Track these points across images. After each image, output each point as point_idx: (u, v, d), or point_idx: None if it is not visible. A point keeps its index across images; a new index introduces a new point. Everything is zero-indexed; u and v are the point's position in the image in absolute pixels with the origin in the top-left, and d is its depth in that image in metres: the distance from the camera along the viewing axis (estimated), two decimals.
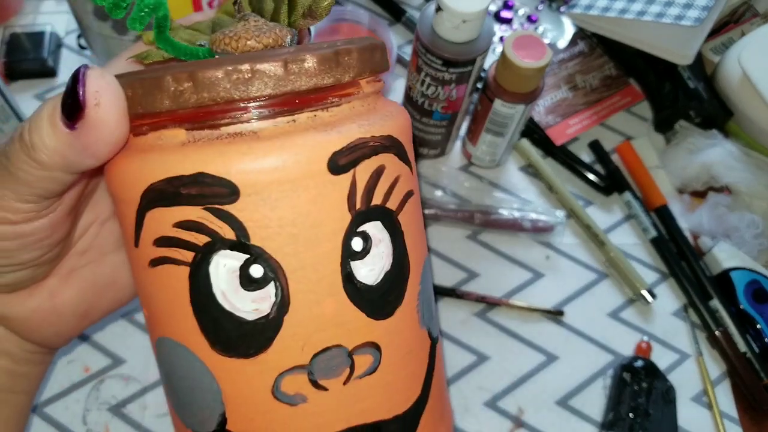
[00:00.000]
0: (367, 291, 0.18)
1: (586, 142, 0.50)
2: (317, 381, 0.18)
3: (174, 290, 0.18)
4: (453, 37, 0.37)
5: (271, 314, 0.17)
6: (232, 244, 0.17)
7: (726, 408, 0.40)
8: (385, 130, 0.18)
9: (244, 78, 0.16)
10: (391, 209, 0.18)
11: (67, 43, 0.49)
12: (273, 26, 0.19)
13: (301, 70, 0.16)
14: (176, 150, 0.17)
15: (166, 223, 0.17)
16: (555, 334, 0.42)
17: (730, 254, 0.44)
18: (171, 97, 0.16)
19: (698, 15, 0.46)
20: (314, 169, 0.16)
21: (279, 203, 0.16)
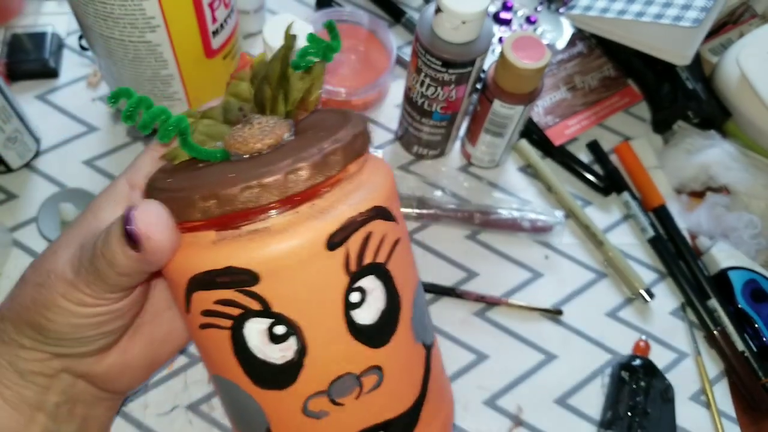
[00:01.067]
0: (366, 329, 0.23)
1: (584, 142, 0.50)
2: (335, 400, 0.23)
3: (220, 346, 0.23)
4: (452, 38, 0.37)
5: (295, 358, 0.22)
6: (259, 313, 0.22)
7: (724, 407, 0.41)
8: (369, 203, 0.22)
9: (255, 193, 0.20)
10: (380, 263, 0.23)
11: (69, 44, 0.50)
12: (273, 125, 0.24)
13: (298, 178, 0.21)
14: (209, 248, 0.21)
15: (208, 300, 0.22)
16: (554, 334, 0.42)
17: (728, 254, 0.45)
18: (201, 211, 0.21)
19: (697, 16, 0.46)
20: (316, 250, 0.21)
21: (291, 280, 0.21)
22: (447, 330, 0.41)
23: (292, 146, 0.23)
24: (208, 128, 0.25)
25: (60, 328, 0.24)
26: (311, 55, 0.24)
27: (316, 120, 0.26)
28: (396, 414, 0.24)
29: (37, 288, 0.24)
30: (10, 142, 0.42)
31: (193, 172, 0.24)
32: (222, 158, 0.24)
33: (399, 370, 0.24)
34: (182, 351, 0.39)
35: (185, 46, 0.38)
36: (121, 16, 0.34)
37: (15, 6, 0.49)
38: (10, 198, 0.43)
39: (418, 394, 0.25)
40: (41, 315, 0.24)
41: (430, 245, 0.45)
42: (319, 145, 0.22)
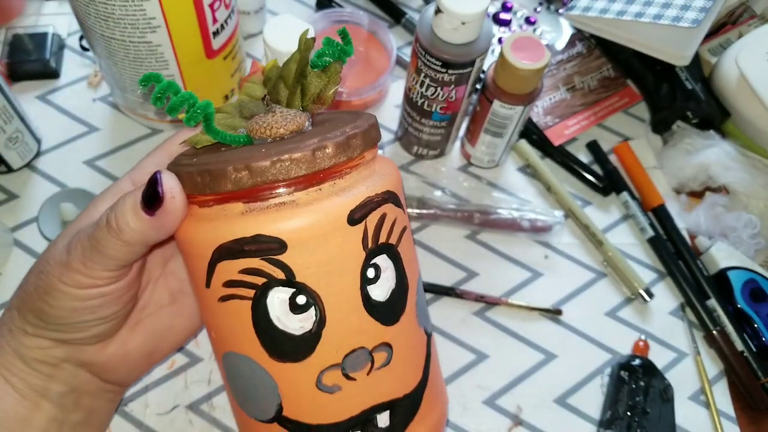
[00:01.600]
0: (379, 305, 0.24)
1: (584, 142, 0.50)
2: (348, 374, 0.24)
3: (240, 319, 0.24)
4: (452, 39, 0.38)
5: (313, 329, 0.23)
6: (283, 282, 0.23)
7: (723, 407, 0.41)
8: (384, 186, 0.24)
9: (285, 166, 0.22)
10: (392, 244, 0.25)
11: (70, 44, 0.50)
12: (294, 114, 0.25)
13: (324, 155, 0.22)
14: (238, 218, 0.23)
15: (233, 270, 0.23)
16: (553, 333, 0.42)
17: (727, 254, 0.45)
18: (233, 182, 0.22)
19: (696, 16, 0.46)
20: (338, 223, 0.23)
21: (315, 250, 0.23)
22: (447, 330, 0.41)
23: (314, 132, 0.25)
24: (225, 119, 0.26)
25: (59, 312, 0.25)
26: (328, 56, 0.26)
27: (330, 116, 0.28)
28: (401, 395, 0.25)
29: (38, 275, 0.25)
30: (11, 143, 0.42)
31: (218, 153, 0.25)
32: (246, 143, 0.25)
33: (406, 350, 0.25)
34: (180, 348, 0.39)
35: (186, 46, 0.38)
36: (122, 17, 0.35)
37: (16, 6, 0.50)
38: (10, 198, 0.43)
39: (420, 378, 0.26)
40: (42, 300, 0.25)
41: (430, 245, 0.45)
42: (342, 128, 0.23)
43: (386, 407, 0.25)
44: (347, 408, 0.24)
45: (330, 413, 0.24)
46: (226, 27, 0.40)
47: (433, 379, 0.27)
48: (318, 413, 0.24)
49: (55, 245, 0.26)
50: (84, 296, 0.25)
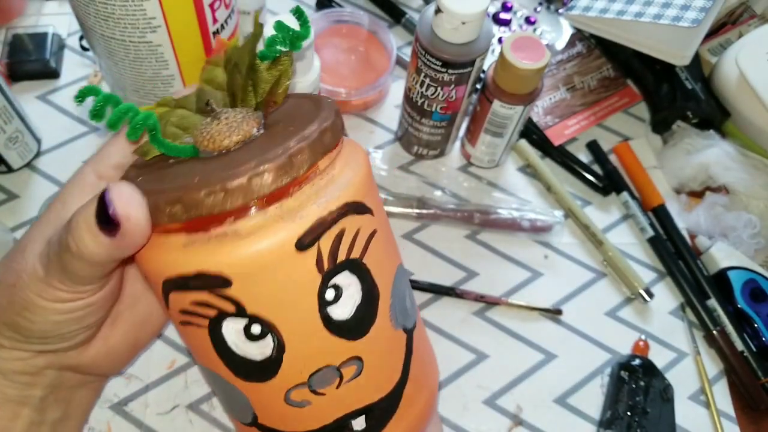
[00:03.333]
0: (344, 323, 0.23)
1: (584, 142, 0.50)
2: (316, 390, 0.23)
3: (201, 342, 0.23)
4: (452, 39, 0.38)
5: (273, 354, 0.22)
6: (234, 314, 0.22)
7: (723, 406, 0.41)
8: (341, 199, 0.22)
9: (219, 197, 0.20)
10: (355, 258, 0.23)
11: (70, 45, 0.50)
12: (241, 121, 0.23)
13: (263, 181, 0.20)
14: (180, 251, 0.21)
15: (185, 301, 0.22)
16: (553, 333, 0.42)
17: (727, 253, 0.45)
18: (168, 216, 0.21)
19: (696, 16, 0.46)
20: (285, 251, 0.21)
21: (263, 282, 0.21)
22: (447, 329, 0.41)
23: (260, 143, 0.23)
24: (181, 120, 0.25)
25: (41, 327, 0.24)
26: (279, 44, 0.23)
27: (288, 110, 0.25)
28: (376, 399, 0.25)
29: (10, 289, 0.23)
30: (11, 142, 0.42)
31: (163, 170, 0.23)
32: (192, 154, 0.24)
33: (379, 358, 0.24)
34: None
35: (186, 46, 0.38)
36: (122, 17, 0.35)
37: (16, 6, 0.50)
38: (11, 198, 0.43)
39: (398, 379, 0.25)
40: (20, 316, 0.23)
41: (429, 245, 0.45)
42: (285, 144, 0.21)
43: (361, 412, 0.24)
44: (320, 418, 0.24)
45: (303, 423, 0.24)
46: (226, 27, 0.40)
47: (414, 373, 0.26)
48: (291, 423, 0.24)
49: (22, 254, 0.23)
50: (68, 309, 0.24)
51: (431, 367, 0.29)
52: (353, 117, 0.50)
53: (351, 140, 0.25)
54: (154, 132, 0.23)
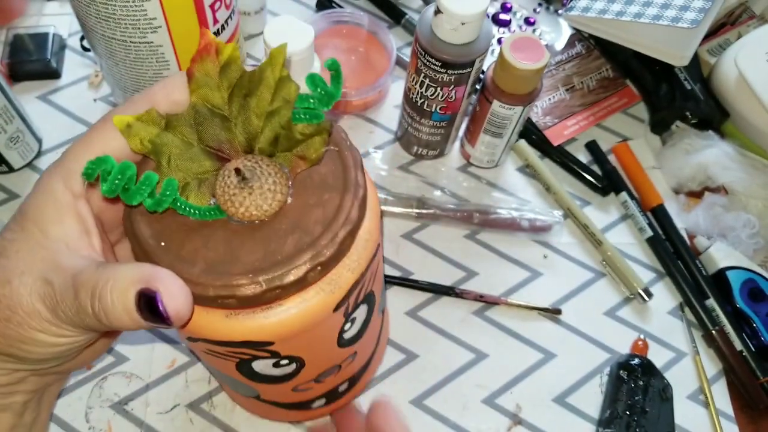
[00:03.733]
0: (351, 338, 0.27)
1: (583, 143, 0.50)
2: (320, 381, 0.29)
3: (224, 365, 0.25)
4: (452, 39, 0.38)
5: (293, 373, 0.26)
6: (268, 357, 0.24)
7: (722, 406, 0.41)
8: (367, 257, 0.23)
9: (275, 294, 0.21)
10: (368, 292, 0.25)
11: (71, 45, 0.50)
12: (273, 187, 0.22)
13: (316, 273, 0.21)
14: (223, 321, 0.22)
15: (220, 349, 0.23)
16: (552, 333, 0.42)
17: (726, 253, 0.45)
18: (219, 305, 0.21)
19: (695, 17, 0.46)
20: (324, 315, 0.23)
21: (300, 340, 0.24)
22: (446, 329, 0.42)
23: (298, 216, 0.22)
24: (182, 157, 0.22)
25: (39, 357, 0.23)
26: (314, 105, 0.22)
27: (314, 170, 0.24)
28: (359, 368, 0.31)
29: (3, 323, 0.22)
30: (12, 142, 0.42)
31: (189, 233, 0.22)
32: (218, 217, 0.22)
33: (367, 343, 0.30)
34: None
35: (186, 46, 0.38)
36: (123, 17, 0.35)
37: (17, 7, 0.50)
38: (11, 198, 0.43)
39: (373, 349, 0.32)
40: (16, 348, 0.22)
41: (429, 245, 0.45)
42: (333, 229, 0.21)
43: (346, 381, 0.31)
44: (316, 392, 0.31)
45: (302, 397, 0.30)
46: (227, 28, 0.40)
47: (382, 339, 0.33)
48: (292, 399, 0.30)
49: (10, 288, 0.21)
50: (71, 342, 0.23)
51: (386, 324, 0.35)
52: (353, 117, 0.50)
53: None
54: (179, 203, 0.21)
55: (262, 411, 0.35)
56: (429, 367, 0.40)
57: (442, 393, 0.39)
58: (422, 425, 0.38)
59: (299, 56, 0.38)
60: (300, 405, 0.32)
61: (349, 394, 0.34)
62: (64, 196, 0.22)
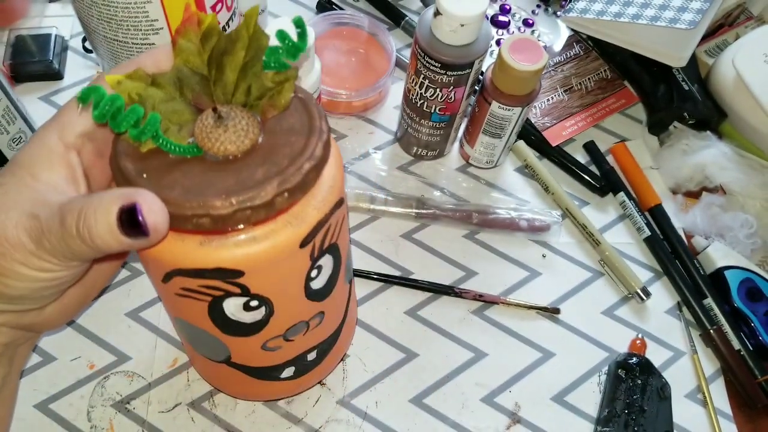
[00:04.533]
0: (318, 291, 0.29)
1: (581, 143, 0.51)
2: (288, 338, 0.30)
3: (196, 309, 0.26)
4: (451, 41, 0.38)
5: (263, 319, 0.27)
6: (239, 294, 0.25)
7: (720, 405, 0.41)
8: (331, 201, 0.25)
9: (246, 214, 0.22)
10: (334, 242, 0.27)
11: (73, 46, 0.50)
12: (247, 128, 0.24)
13: (284, 199, 0.23)
14: (197, 248, 0.23)
15: (191, 284, 0.25)
16: (551, 332, 0.42)
17: (723, 253, 0.45)
18: (193, 225, 0.22)
19: (693, 18, 0.47)
20: (291, 249, 0.25)
21: (269, 272, 0.25)
22: (446, 328, 0.42)
23: (265, 153, 0.24)
24: (166, 106, 0.25)
25: (18, 292, 0.24)
26: (282, 56, 0.24)
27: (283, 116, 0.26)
28: (327, 336, 0.32)
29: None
30: (15, 143, 0.42)
31: (169, 168, 0.24)
32: (196, 155, 0.24)
33: (334, 309, 0.31)
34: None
35: None
36: (125, 19, 0.35)
37: (19, 8, 0.50)
38: None
39: (342, 319, 0.33)
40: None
41: (429, 245, 0.45)
42: (298, 162, 0.23)
43: (315, 348, 0.32)
44: (285, 356, 0.31)
45: (270, 360, 0.31)
46: (228, 29, 0.40)
47: (349, 313, 0.34)
48: (261, 361, 0.31)
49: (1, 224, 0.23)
50: (51, 278, 0.24)
51: (354, 305, 0.37)
52: (353, 118, 0.50)
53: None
54: (158, 137, 0.23)
55: (231, 385, 0.35)
56: (428, 366, 0.40)
57: (442, 392, 0.40)
58: (422, 424, 0.38)
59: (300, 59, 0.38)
60: (269, 372, 0.32)
61: (319, 367, 0.34)
62: (57, 146, 0.24)
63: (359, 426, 0.38)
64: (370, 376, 0.40)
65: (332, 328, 0.33)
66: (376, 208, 0.45)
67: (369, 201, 0.45)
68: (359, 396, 0.39)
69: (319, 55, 0.44)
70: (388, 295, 0.43)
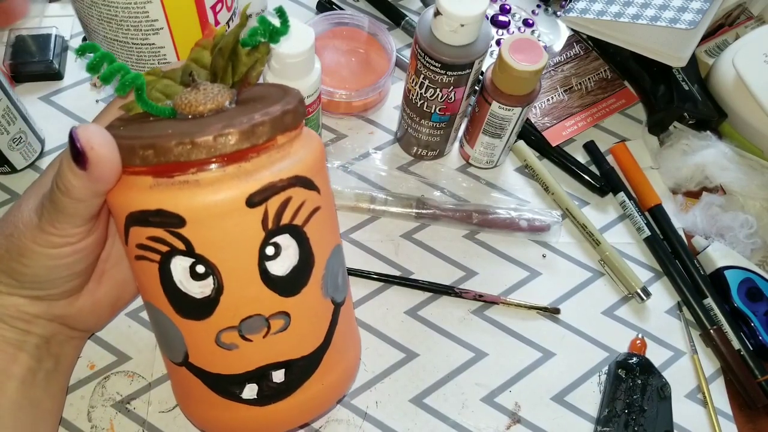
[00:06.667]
0: (278, 279, 0.26)
1: (581, 143, 0.51)
2: (245, 335, 0.26)
3: (150, 277, 0.26)
4: (451, 41, 0.38)
5: (212, 295, 0.26)
6: (183, 252, 0.25)
7: (720, 405, 0.41)
8: (292, 171, 0.25)
9: (186, 148, 0.23)
10: (296, 225, 0.26)
11: (73, 46, 0.50)
12: (217, 93, 0.27)
13: (227, 141, 0.23)
14: (146, 191, 0.24)
15: (142, 236, 0.25)
16: (551, 332, 0.43)
17: (723, 253, 0.45)
18: (140, 158, 0.24)
19: (693, 18, 0.47)
20: (236, 205, 0.24)
21: (213, 227, 0.24)
22: (446, 328, 0.42)
23: (230, 114, 0.26)
24: (165, 88, 0.28)
25: (35, 271, 0.27)
26: (259, 35, 0.27)
27: (259, 92, 0.29)
28: (298, 356, 0.28)
29: (8, 238, 0.27)
30: (15, 143, 0.42)
31: (143, 123, 0.27)
32: (169, 115, 0.27)
33: (305, 319, 0.28)
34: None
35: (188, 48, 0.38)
36: (125, 19, 0.35)
37: (19, 8, 0.50)
38: (14, 198, 0.44)
39: (321, 343, 0.29)
40: (17, 261, 0.27)
41: (429, 245, 0.45)
42: (251, 115, 0.24)
43: (282, 366, 0.28)
44: (244, 363, 0.27)
45: (228, 366, 0.27)
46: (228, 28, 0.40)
47: (336, 344, 0.29)
48: (217, 364, 0.27)
49: (19, 209, 0.27)
50: (59, 255, 0.27)
51: (353, 344, 0.32)
52: (353, 118, 0.50)
53: (311, 131, 0.29)
54: (141, 91, 0.26)
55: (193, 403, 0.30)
56: (428, 365, 0.40)
57: (442, 392, 0.40)
58: (422, 424, 0.39)
59: (300, 58, 0.38)
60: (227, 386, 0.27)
61: (291, 400, 0.28)
62: None
63: (359, 426, 0.38)
64: (370, 376, 0.40)
65: (305, 348, 0.28)
66: (376, 208, 0.45)
67: (369, 201, 0.45)
68: (359, 396, 0.39)
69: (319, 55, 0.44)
70: (388, 295, 0.43)
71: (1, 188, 0.44)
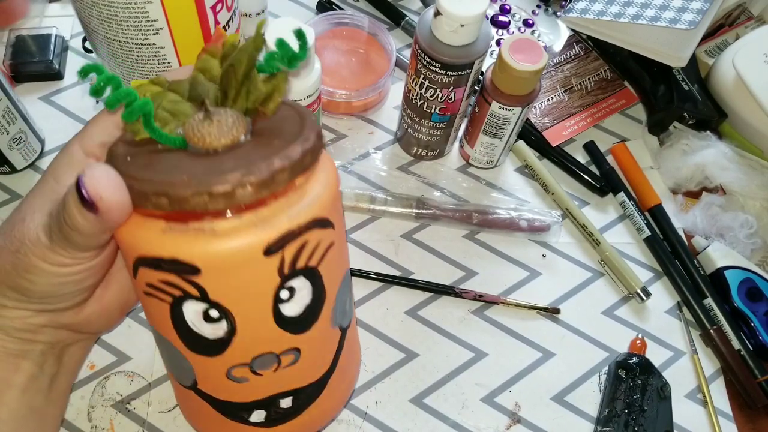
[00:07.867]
0: (291, 319, 0.26)
1: (581, 143, 0.51)
2: (256, 371, 0.26)
3: (161, 314, 0.25)
4: (451, 41, 0.38)
5: (225, 337, 0.25)
6: (197, 298, 0.24)
7: (720, 405, 0.41)
8: (309, 215, 0.24)
9: (204, 199, 0.22)
10: (312, 266, 0.25)
11: (73, 46, 0.50)
12: (231, 125, 0.25)
13: (245, 192, 0.22)
14: (158, 236, 0.23)
15: (153, 277, 0.24)
16: (551, 332, 0.43)
17: (723, 253, 0.45)
18: (153, 204, 0.22)
19: (693, 18, 0.47)
20: (253, 255, 0.23)
21: (229, 276, 0.24)
22: (446, 328, 0.42)
23: (246, 151, 0.24)
24: (172, 105, 0.26)
25: (43, 288, 0.26)
26: (277, 61, 0.25)
27: (275, 122, 0.27)
28: (305, 384, 0.28)
29: (14, 255, 0.26)
30: (15, 143, 0.42)
31: (153, 155, 0.25)
32: (180, 146, 0.25)
33: (314, 351, 0.28)
34: None
35: (188, 48, 0.38)
36: (125, 19, 0.35)
37: (20, 8, 0.50)
38: (14, 198, 0.44)
39: (327, 369, 0.29)
40: (23, 278, 0.26)
41: (429, 245, 0.45)
42: (270, 160, 0.23)
43: (290, 394, 0.28)
44: (254, 393, 0.27)
45: (238, 395, 0.27)
46: (228, 29, 0.40)
47: (341, 366, 0.30)
48: (227, 393, 0.27)
49: (23, 223, 0.26)
50: (68, 273, 0.26)
51: (355, 359, 0.33)
52: (353, 118, 0.50)
53: (326, 155, 0.27)
54: (149, 118, 0.24)
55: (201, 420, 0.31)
56: (429, 366, 0.40)
57: (442, 392, 0.40)
58: (422, 424, 0.39)
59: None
60: (236, 411, 0.28)
61: (297, 421, 0.29)
62: (77, 153, 0.27)
63: (359, 426, 0.38)
64: (371, 376, 0.40)
65: (312, 376, 0.29)
66: (376, 208, 0.45)
67: (369, 201, 0.45)
68: (359, 396, 0.39)
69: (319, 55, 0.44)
70: (388, 295, 0.43)
71: (1, 188, 0.44)
